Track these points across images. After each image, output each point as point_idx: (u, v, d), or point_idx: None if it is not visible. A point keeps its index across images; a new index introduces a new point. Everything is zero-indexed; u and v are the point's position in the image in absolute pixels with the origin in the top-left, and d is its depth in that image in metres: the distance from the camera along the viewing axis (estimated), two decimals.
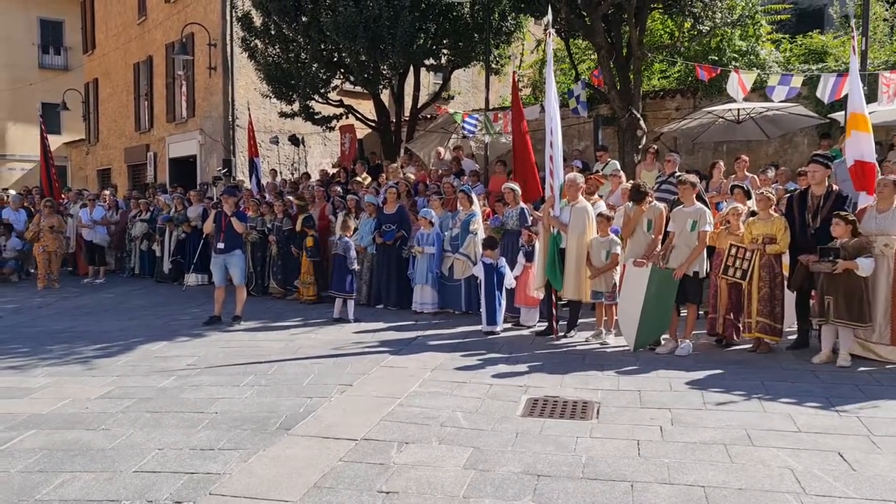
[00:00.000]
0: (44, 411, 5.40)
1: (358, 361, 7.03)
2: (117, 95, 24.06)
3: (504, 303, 8.45)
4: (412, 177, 12.30)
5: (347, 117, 15.45)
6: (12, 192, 17.53)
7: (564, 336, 8.00)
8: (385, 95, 15.69)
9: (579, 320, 8.20)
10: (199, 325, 9.07)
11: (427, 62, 14.38)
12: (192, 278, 12.74)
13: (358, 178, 13.11)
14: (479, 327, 8.43)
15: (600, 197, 9.11)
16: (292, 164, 18.64)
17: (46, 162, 15.99)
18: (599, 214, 7.86)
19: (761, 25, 14.39)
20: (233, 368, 6.80)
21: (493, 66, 13.84)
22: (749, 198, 7.78)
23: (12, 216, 14.64)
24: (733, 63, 13.22)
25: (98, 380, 6.38)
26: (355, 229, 10.11)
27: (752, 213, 7.36)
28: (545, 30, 9.56)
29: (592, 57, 15.54)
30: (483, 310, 8.39)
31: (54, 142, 29.14)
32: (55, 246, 13.29)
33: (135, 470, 4.24)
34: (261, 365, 6.91)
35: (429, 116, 16.61)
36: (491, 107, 13.24)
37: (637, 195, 7.38)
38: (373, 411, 5.38)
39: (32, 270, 14.49)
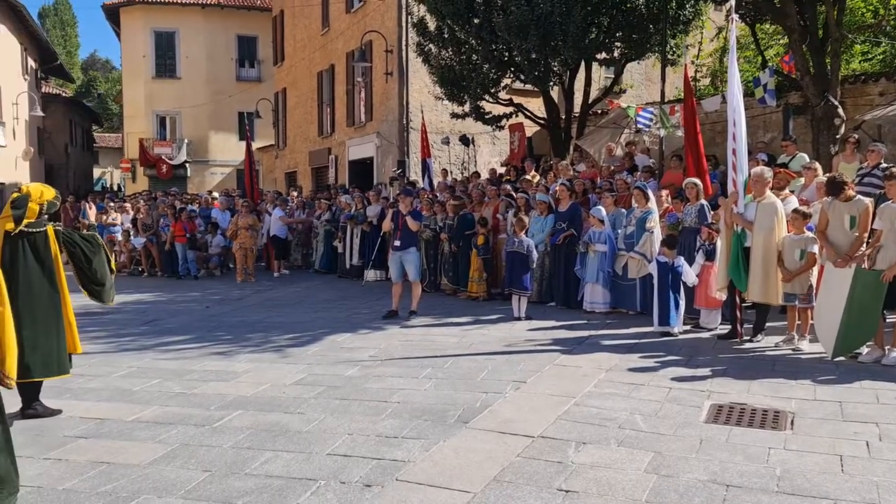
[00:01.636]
0: (247, 394, 5.93)
1: (531, 359, 7.06)
2: (303, 103, 25.83)
3: (682, 303, 8.11)
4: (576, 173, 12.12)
5: (517, 116, 15.53)
6: (216, 193, 19.40)
7: (750, 340, 7.53)
8: (555, 92, 15.60)
9: (767, 324, 7.68)
10: (379, 319, 9.52)
11: (599, 56, 14.10)
12: (370, 274, 13.41)
13: (527, 177, 13.14)
14: (655, 328, 8.16)
15: (791, 192, 8.46)
16: (462, 164, 19.05)
17: (251, 166, 17.54)
18: (795, 211, 7.30)
19: None
20: (411, 361, 7.08)
21: (670, 56, 13.29)
22: None
23: (219, 216, 16.19)
24: None
25: (292, 367, 6.89)
26: (528, 227, 10.14)
27: None
28: (727, 16, 9.05)
29: (781, 42, 14.49)
30: (655, 309, 8.11)
31: None
32: (251, 243, 14.52)
33: (328, 452, 4.54)
34: (437, 359, 7.14)
35: (600, 112, 16.29)
36: (666, 99, 12.73)
37: (834, 188, 6.79)
38: (548, 409, 5.38)
39: (232, 265, 15.95)
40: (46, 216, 5.40)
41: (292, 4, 26.05)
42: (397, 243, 9.63)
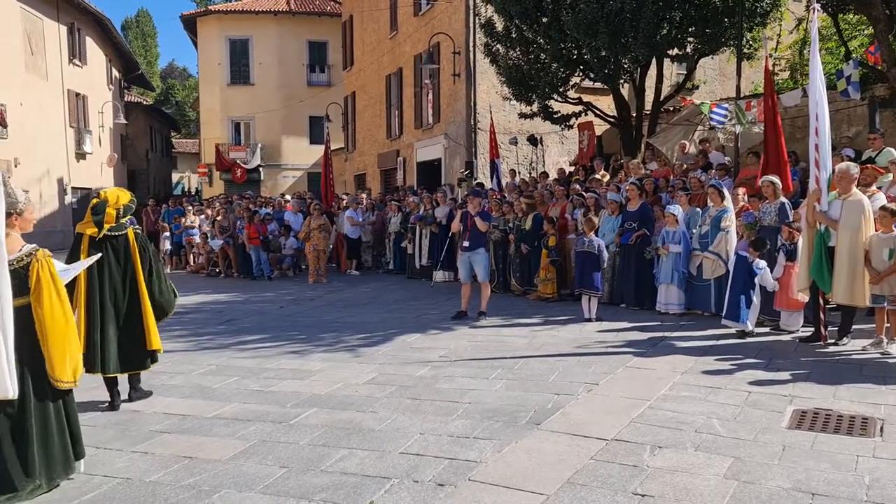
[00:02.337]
0: (321, 392, 6.05)
1: (602, 361, 6.96)
2: (371, 106, 26.19)
3: (757, 302, 7.85)
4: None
5: (586, 114, 15.34)
6: (288, 196, 19.88)
7: (835, 343, 7.22)
8: (625, 89, 15.34)
9: (854, 326, 7.35)
10: (448, 319, 9.55)
11: (671, 52, 13.78)
12: (439, 275, 13.48)
13: (597, 176, 12.97)
14: (732, 330, 7.92)
15: (878, 189, 8.08)
16: (530, 164, 18.95)
17: (326, 169, 18.01)
18: (883, 208, 6.96)
19: None
20: (481, 362, 7.08)
21: (746, 50, 12.87)
22: None
23: (292, 218, 16.59)
24: None
25: (363, 366, 7.00)
26: (597, 227, 10.02)
27: None
28: (808, 6, 8.71)
29: (866, 32, 13.85)
30: (726, 302, 7.88)
31: (319, 150, 32.59)
32: (323, 245, 14.81)
33: (401, 451, 4.59)
34: (507, 360, 7.12)
35: (672, 109, 15.93)
36: (742, 94, 12.34)
37: None
38: (622, 412, 5.29)
39: (304, 267, 16.31)
40: (126, 219, 5.70)
41: (361, 9, 26.45)
42: (466, 244, 9.65)
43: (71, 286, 4.85)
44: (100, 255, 5.25)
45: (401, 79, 23.02)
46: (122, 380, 5.78)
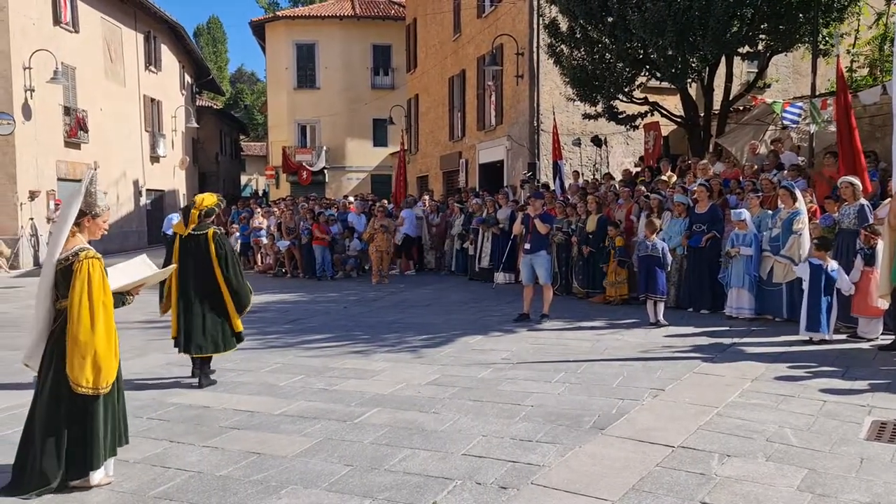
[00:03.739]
0: (384, 392, 6.11)
1: (669, 366, 6.82)
2: (434, 108, 26.33)
3: (835, 309, 7.56)
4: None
5: (652, 114, 15.06)
6: (351, 198, 20.18)
7: None
8: (693, 89, 14.98)
9: None
10: (510, 322, 9.52)
11: (742, 50, 13.38)
12: (500, 277, 13.46)
13: (663, 177, 12.71)
14: (805, 336, 7.65)
15: None
16: (594, 165, 18.71)
17: (400, 171, 18.38)
18: None
19: None
20: (544, 365, 7.03)
21: (822, 47, 12.40)
22: None
23: (355, 220, 16.83)
24: None
25: (426, 367, 7.04)
26: (660, 230, 9.82)
27: None
28: (888, 0, 8.33)
29: None
30: (803, 313, 7.61)
31: (382, 153, 33.02)
32: (386, 246, 14.97)
33: (463, 453, 4.60)
34: (570, 363, 7.05)
35: (742, 108, 15.47)
36: (818, 92, 11.90)
37: None
38: (689, 419, 5.18)
39: (367, 268, 16.51)
40: (208, 220, 6.44)
41: (425, 12, 26.63)
42: (528, 246, 9.60)
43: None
44: (172, 267, 5.70)
45: (464, 81, 23.07)
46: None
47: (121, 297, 4.31)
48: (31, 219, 19.46)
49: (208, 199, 6.47)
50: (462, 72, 23.10)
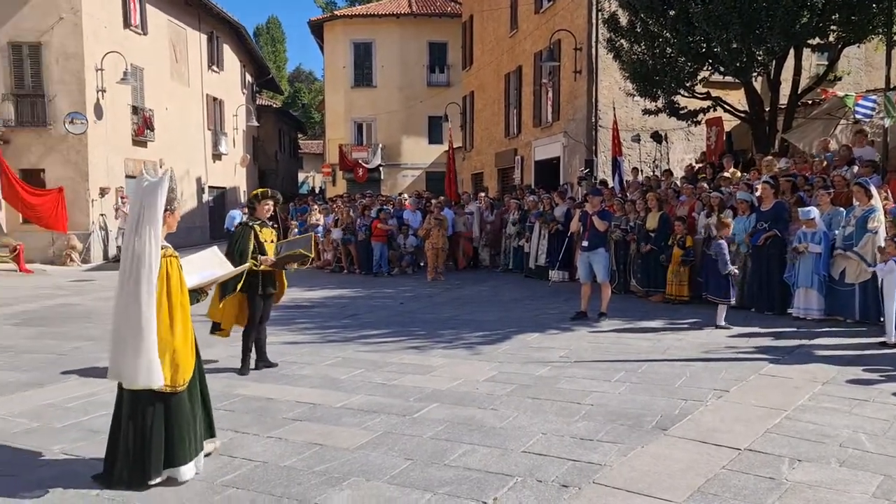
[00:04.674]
0: (443, 388, 6.13)
1: (733, 367, 6.65)
2: (490, 105, 26.26)
3: None
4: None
5: (714, 109, 14.69)
6: (406, 195, 20.31)
7: None
8: (758, 83, 14.55)
9: None
10: (567, 320, 9.43)
11: (811, 42, 12.92)
12: (556, 274, 13.35)
13: (726, 174, 12.39)
14: (876, 339, 7.36)
15: None
16: (653, 162, 18.37)
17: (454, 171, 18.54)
18: None
19: None
20: (603, 364, 6.94)
21: None
22: None
23: (410, 217, 16.92)
24: None
25: (483, 364, 7.03)
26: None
27: None
28: None
29: None
30: (886, 318, 7.30)
31: (437, 150, 33.08)
32: (441, 242, 15.01)
33: (523, 450, 4.57)
34: (630, 362, 6.94)
35: (810, 102, 14.95)
36: (892, 86, 11.41)
37: None
38: (756, 421, 5.04)
39: (422, 264, 16.59)
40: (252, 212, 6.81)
41: (481, 9, 26.57)
42: (585, 244, 9.49)
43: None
44: (247, 265, 6.09)
45: (520, 77, 22.93)
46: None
47: (195, 295, 4.42)
48: (102, 214, 20.19)
49: (260, 193, 6.83)
50: (518, 68, 22.97)
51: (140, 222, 3.94)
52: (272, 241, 6.68)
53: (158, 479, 4.00)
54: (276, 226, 6.89)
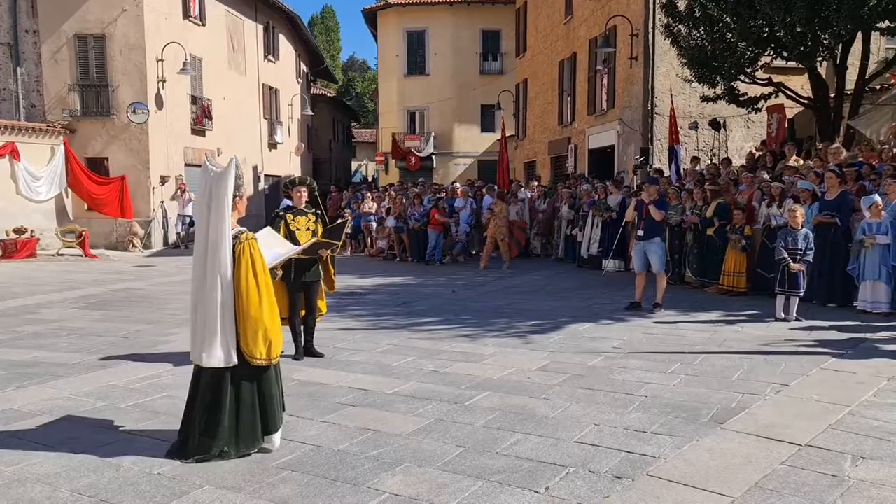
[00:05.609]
0: (494, 377, 6.13)
1: (793, 361, 6.48)
2: (543, 93, 26.01)
3: None
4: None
5: (776, 96, 14.24)
6: (458, 184, 20.30)
7: None
8: (823, 68, 14.04)
9: None
10: (620, 310, 9.32)
11: (881, 25, 12.40)
12: (610, 264, 13.19)
13: (790, 163, 12.01)
14: None
15: None
16: (712, 150, 17.93)
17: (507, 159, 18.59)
18: None
19: None
20: (657, 355, 6.83)
21: None
22: None
23: (461, 204, 16.93)
24: None
25: (535, 353, 7.00)
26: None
27: None
28: None
29: None
30: None
31: (490, 138, 32.94)
32: (497, 231, 14.96)
33: (575, 440, 4.55)
34: (685, 354, 6.82)
35: (878, 88, 14.36)
36: None
37: None
38: (817, 417, 4.90)
39: (473, 252, 16.59)
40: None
41: None
42: (640, 233, 9.35)
43: None
44: (311, 241, 6.29)
45: (574, 64, 22.63)
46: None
47: (272, 273, 4.71)
48: (162, 202, 20.78)
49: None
50: (573, 55, 22.67)
51: (211, 210, 4.12)
52: (308, 229, 6.59)
53: (257, 448, 4.31)
54: (317, 212, 6.81)
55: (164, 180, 20.68)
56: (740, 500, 3.67)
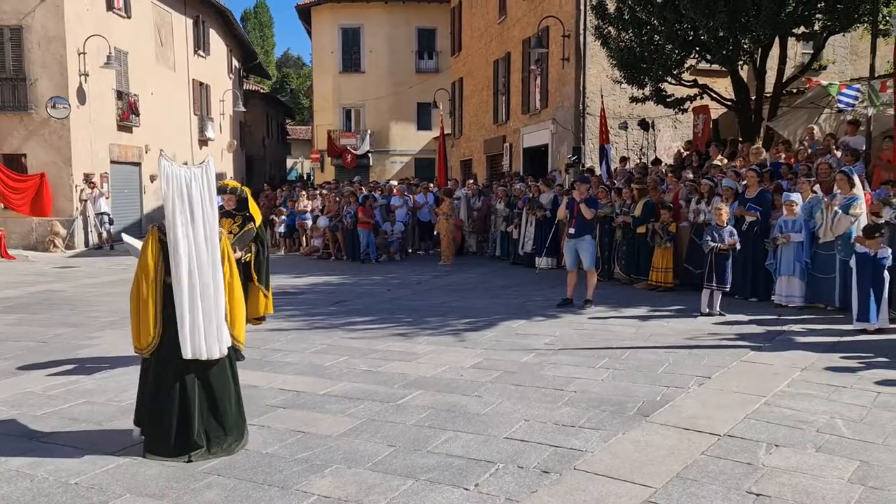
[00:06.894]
0: (427, 375, 6.15)
1: (715, 354, 6.72)
2: (478, 92, 26.18)
3: (885, 298, 7.32)
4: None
5: (701, 97, 14.72)
6: (394, 182, 20.28)
7: None
8: (744, 71, 14.58)
9: None
10: (553, 307, 9.47)
11: (797, 31, 12.95)
12: (543, 262, 13.38)
13: (716, 162, 12.43)
14: (858, 326, 7.44)
15: None
16: (640, 150, 18.40)
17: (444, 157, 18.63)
18: None
19: None
20: (587, 350, 6.98)
21: (881, 27, 11.92)
22: None
23: (397, 203, 16.90)
24: None
25: (469, 351, 7.05)
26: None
27: None
28: None
29: None
30: (854, 304, 7.41)
31: (426, 136, 32.98)
32: (445, 229, 15.05)
33: (506, 436, 4.60)
34: (614, 349, 6.99)
35: (795, 91, 15.01)
36: (876, 74, 11.45)
37: None
38: (735, 408, 5.09)
39: (410, 250, 16.59)
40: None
41: None
42: (572, 231, 9.52)
43: None
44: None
45: (508, 64, 22.86)
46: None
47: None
48: (85, 200, 20.00)
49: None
50: (507, 55, 22.90)
51: (195, 211, 4.17)
52: (231, 232, 6.29)
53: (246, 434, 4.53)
54: (245, 214, 6.57)
55: (87, 178, 19.91)
56: (662, 490, 3.79)
